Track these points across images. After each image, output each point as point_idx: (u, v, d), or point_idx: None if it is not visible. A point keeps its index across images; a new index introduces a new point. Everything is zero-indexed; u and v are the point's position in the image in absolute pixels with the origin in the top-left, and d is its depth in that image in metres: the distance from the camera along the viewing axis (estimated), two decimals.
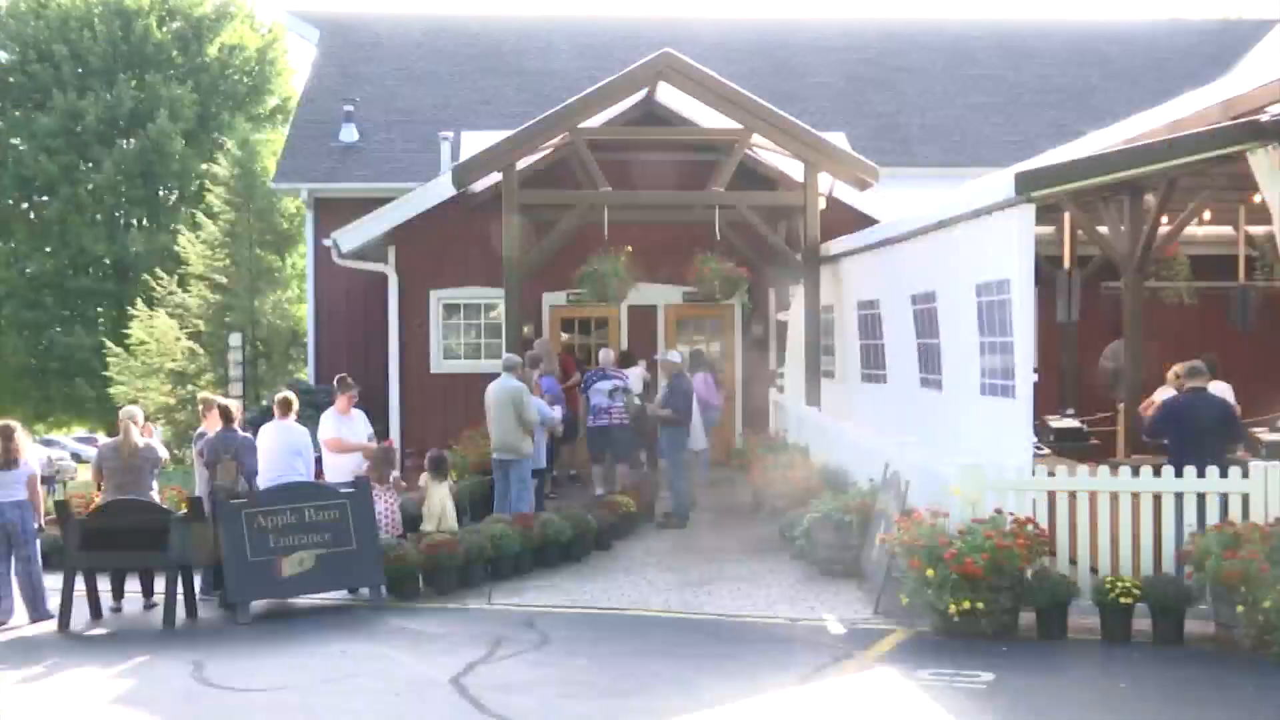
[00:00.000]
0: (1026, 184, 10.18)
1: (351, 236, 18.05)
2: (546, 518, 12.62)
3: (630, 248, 16.47)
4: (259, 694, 8.39)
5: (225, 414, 11.87)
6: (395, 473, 12.79)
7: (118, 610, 11.11)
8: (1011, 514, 9.50)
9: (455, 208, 18.07)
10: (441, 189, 17.68)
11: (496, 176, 16.16)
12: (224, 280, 28.09)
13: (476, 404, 14.19)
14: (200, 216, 30.08)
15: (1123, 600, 9.25)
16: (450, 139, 20.56)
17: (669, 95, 17.43)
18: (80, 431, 45.80)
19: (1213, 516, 9.49)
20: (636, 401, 16.13)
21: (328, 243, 18.70)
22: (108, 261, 41.47)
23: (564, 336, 19.59)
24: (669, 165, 17.99)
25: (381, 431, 16.19)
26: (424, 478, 12.58)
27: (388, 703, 8.09)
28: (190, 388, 27.25)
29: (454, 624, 10.25)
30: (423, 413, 18.50)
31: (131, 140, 40.15)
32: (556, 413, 14.72)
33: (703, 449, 16.72)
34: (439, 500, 12.37)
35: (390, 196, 19.04)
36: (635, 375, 17.27)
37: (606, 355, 16.32)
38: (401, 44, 25.79)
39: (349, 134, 22.44)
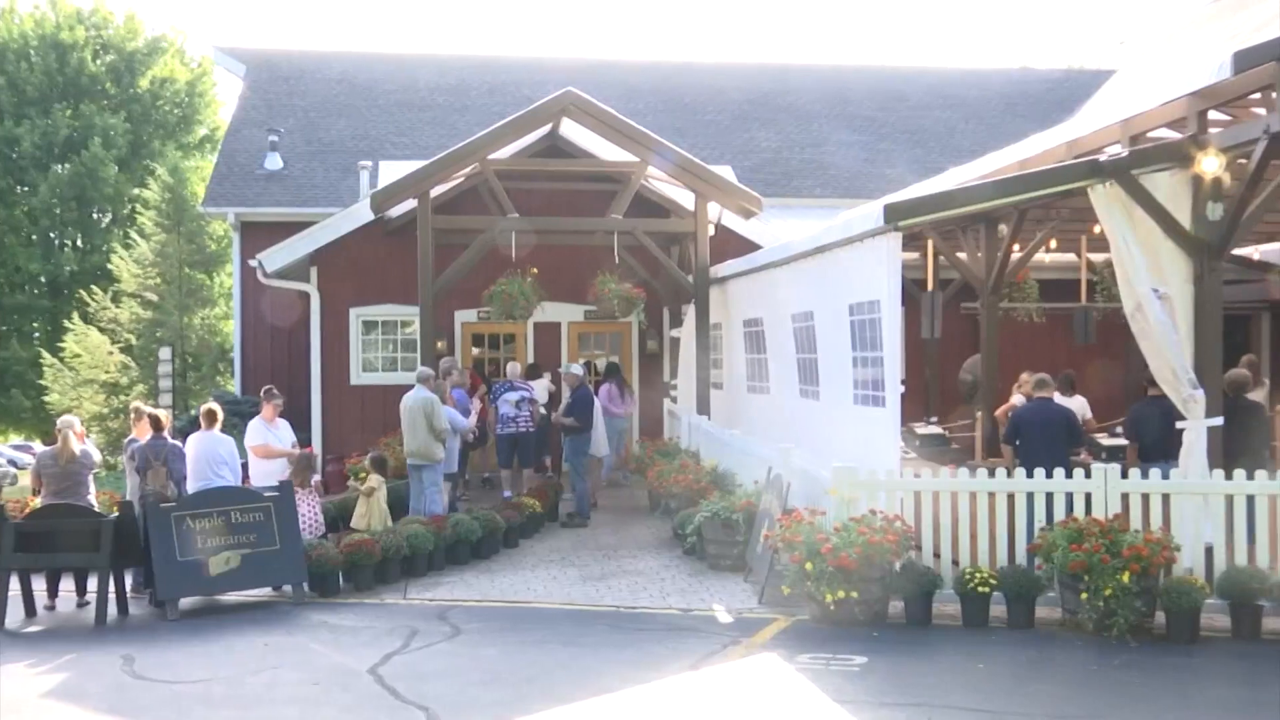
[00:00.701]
0: (894, 215, 10.30)
1: (276, 258, 17.81)
2: (458, 518, 12.55)
3: (536, 269, 16.49)
4: (186, 685, 8.24)
5: (155, 423, 11.65)
6: (316, 477, 12.68)
7: (51, 609, 10.81)
8: (882, 512, 9.63)
9: (373, 231, 17.95)
10: (360, 214, 17.53)
11: (412, 203, 16.08)
12: (154, 298, 27.55)
13: (393, 413, 14.11)
14: (132, 237, 29.52)
15: (981, 589, 9.42)
16: (369, 168, 20.37)
17: (572, 130, 17.46)
18: (16, 440, 44.61)
19: (1059, 513, 9.66)
20: (542, 411, 16.16)
21: (254, 263, 18.42)
22: (43, 279, 40.64)
23: (475, 351, 19.51)
24: (572, 194, 18.06)
25: (304, 439, 16.01)
26: (375, 478, 12.57)
27: (309, 691, 7.99)
28: (122, 398, 26.65)
29: (372, 618, 10.14)
30: (343, 421, 18.30)
31: (66, 165, 39.23)
32: (471, 420, 14.67)
33: (605, 455, 16.77)
34: (380, 499, 12.45)
35: (312, 220, 18.86)
36: (541, 386, 17.30)
37: (514, 368, 16.32)
38: (323, 79, 25.51)
39: (274, 162, 22.16)
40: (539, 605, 10.55)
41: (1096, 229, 11.69)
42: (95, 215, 41.58)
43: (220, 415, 12.30)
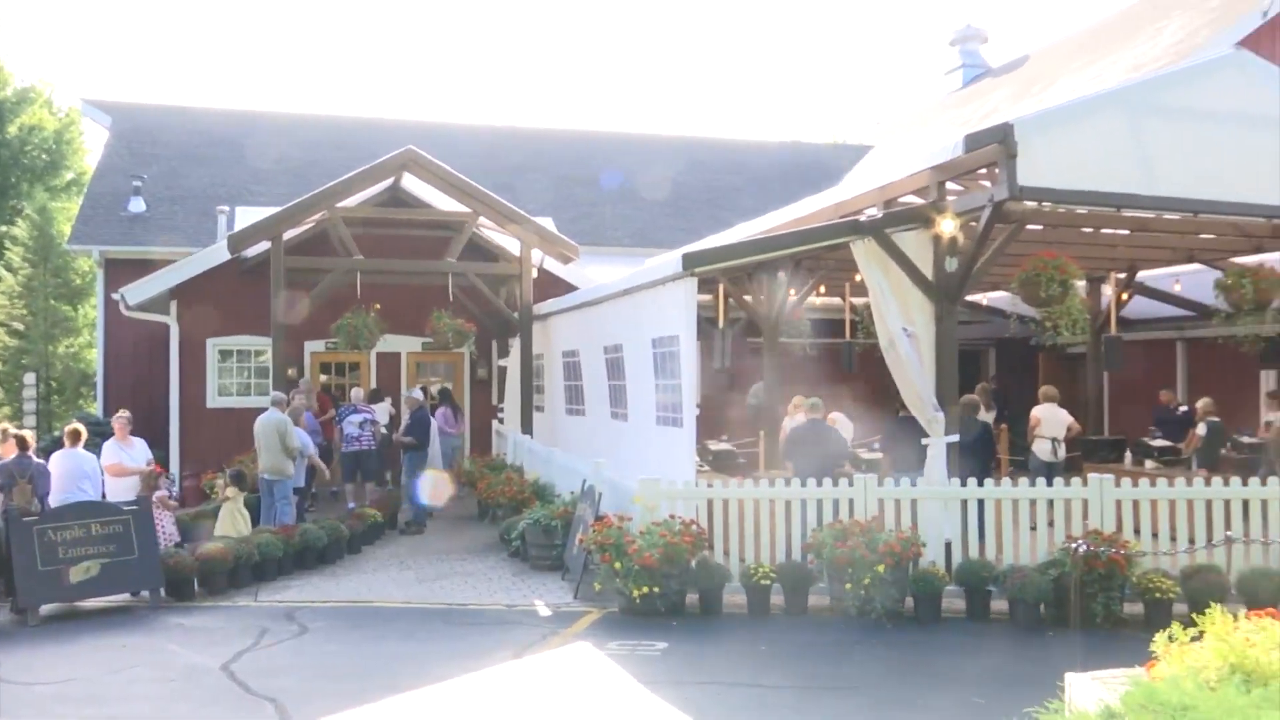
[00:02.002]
0: (690, 262, 10.43)
1: (137, 292, 17.00)
2: (306, 527, 12.14)
3: (378, 305, 16.22)
4: (46, 686, 7.70)
5: (21, 442, 11.00)
6: (161, 492, 12.15)
7: None
8: (680, 517, 9.71)
9: (230, 270, 17.31)
10: (218, 254, 16.87)
11: (266, 244, 15.58)
12: (21, 327, 25.91)
13: (247, 433, 13.64)
14: (0, 271, 27.71)
15: (763, 582, 9.58)
16: (226, 212, 19.64)
17: (412, 183, 17.22)
18: None
19: (828, 516, 9.88)
20: (383, 431, 15.84)
21: (117, 297, 17.51)
22: None
23: (323, 377, 18.99)
24: (412, 239, 17.80)
25: (161, 457, 15.36)
26: (231, 490, 12.11)
27: (164, 688, 7.58)
28: None
29: (224, 619, 9.69)
30: (200, 441, 17.51)
31: None
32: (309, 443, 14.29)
33: (442, 469, 16.57)
34: (238, 509, 12.01)
35: (173, 259, 18.04)
36: (382, 409, 16.96)
37: (358, 393, 15.99)
38: (185, 130, 24.46)
39: (137, 205, 21.11)
40: (380, 604, 10.26)
41: (858, 277, 12.00)
42: None
43: (84, 434, 11.69)
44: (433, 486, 13.23)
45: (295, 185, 20.79)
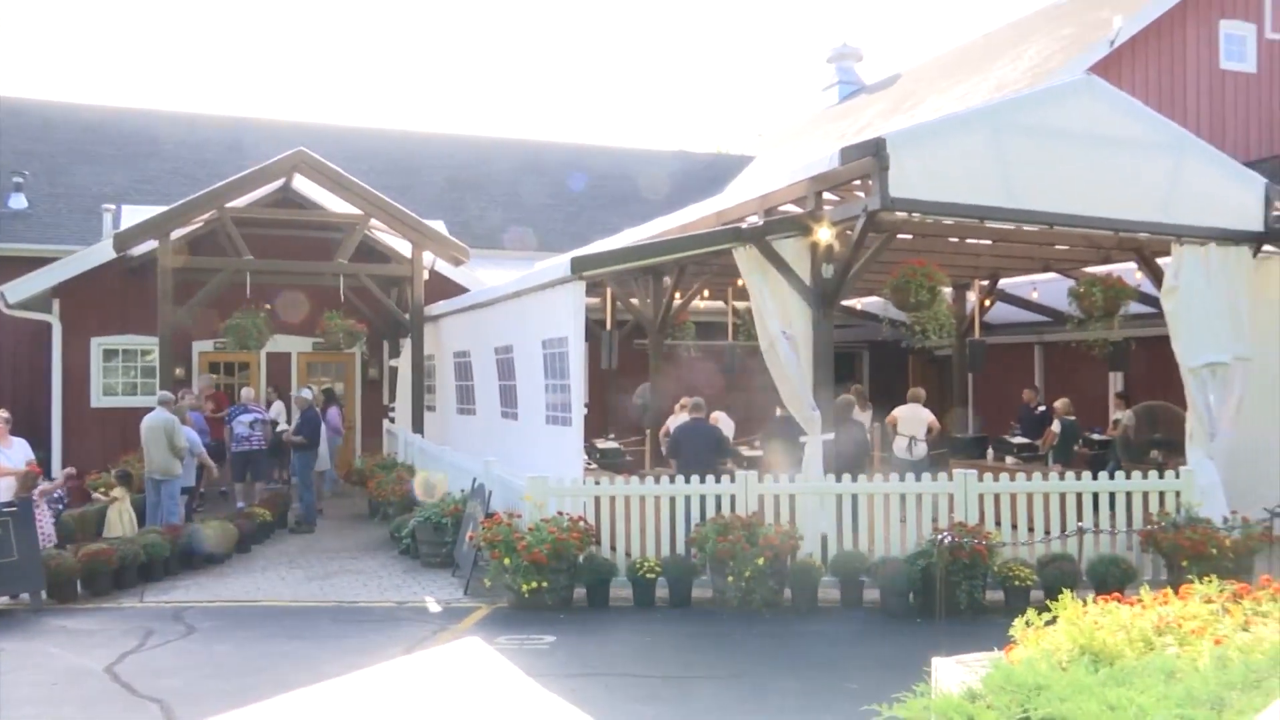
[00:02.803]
0: (579, 266, 10.42)
1: (18, 290, 16.24)
2: (193, 527, 11.76)
3: (269, 305, 15.85)
4: None
5: None
6: (36, 491, 11.63)
7: None
8: (568, 514, 9.69)
9: (116, 268, 16.68)
10: (103, 252, 16.24)
11: (153, 243, 15.06)
12: None
13: (133, 433, 13.19)
14: None
15: (648, 576, 9.63)
16: (113, 210, 18.85)
17: (304, 184, 16.83)
18: None
19: (710, 511, 9.96)
20: (274, 430, 15.46)
21: None
22: None
23: (212, 377, 18.42)
24: (304, 240, 17.41)
25: (44, 459, 14.70)
26: (118, 490, 11.69)
27: (47, 692, 7.23)
28: None
29: (109, 621, 9.31)
30: (84, 441, 16.81)
31: None
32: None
33: (328, 469, 16.23)
34: (124, 509, 11.59)
35: (56, 257, 17.26)
36: (276, 409, 16.59)
37: (248, 393, 15.52)
38: (70, 128, 23.38)
39: (18, 202, 20.12)
40: (269, 603, 10.00)
41: (740, 282, 12.14)
42: None
43: None
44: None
45: (185, 185, 20.14)
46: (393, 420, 18.48)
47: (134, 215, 17.18)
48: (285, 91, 74.04)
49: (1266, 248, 11.78)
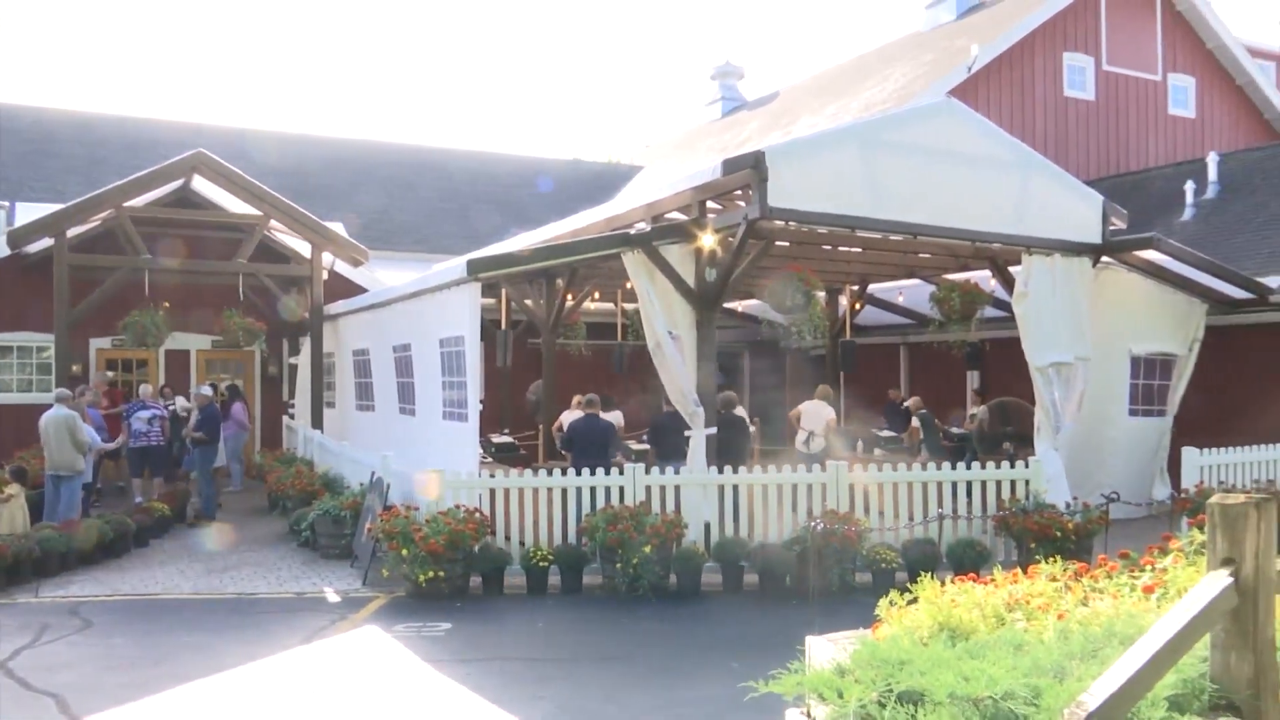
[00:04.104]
0: (474, 268, 10.33)
1: None
2: (91, 522, 11.25)
3: (168, 303, 15.28)
4: None
5: None
6: None
7: None
8: (464, 506, 9.61)
9: (11, 266, 15.91)
10: None
11: (50, 241, 14.38)
12: None
13: (27, 430, 12.60)
14: None
15: (541, 564, 9.60)
16: (6, 208, 17.96)
17: (203, 185, 16.26)
18: None
19: (600, 502, 9.98)
20: (172, 424, 14.91)
21: None
22: None
23: (108, 374, 17.67)
24: (204, 239, 16.86)
25: None
26: (13, 486, 11.03)
27: None
28: None
29: (2, 617, 8.82)
30: None
31: None
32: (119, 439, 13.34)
33: (224, 464, 15.74)
34: (19, 506, 10.93)
35: None
36: (181, 405, 16.03)
37: (146, 389, 14.93)
38: None
39: None
40: (167, 597, 9.63)
41: (628, 284, 12.17)
42: None
43: None
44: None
45: (81, 184, 19.26)
46: (293, 416, 18.03)
47: (29, 213, 16.35)
48: (187, 94, 71.55)
49: (1104, 258, 12.35)
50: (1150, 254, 12.30)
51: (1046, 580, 4.82)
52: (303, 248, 16.49)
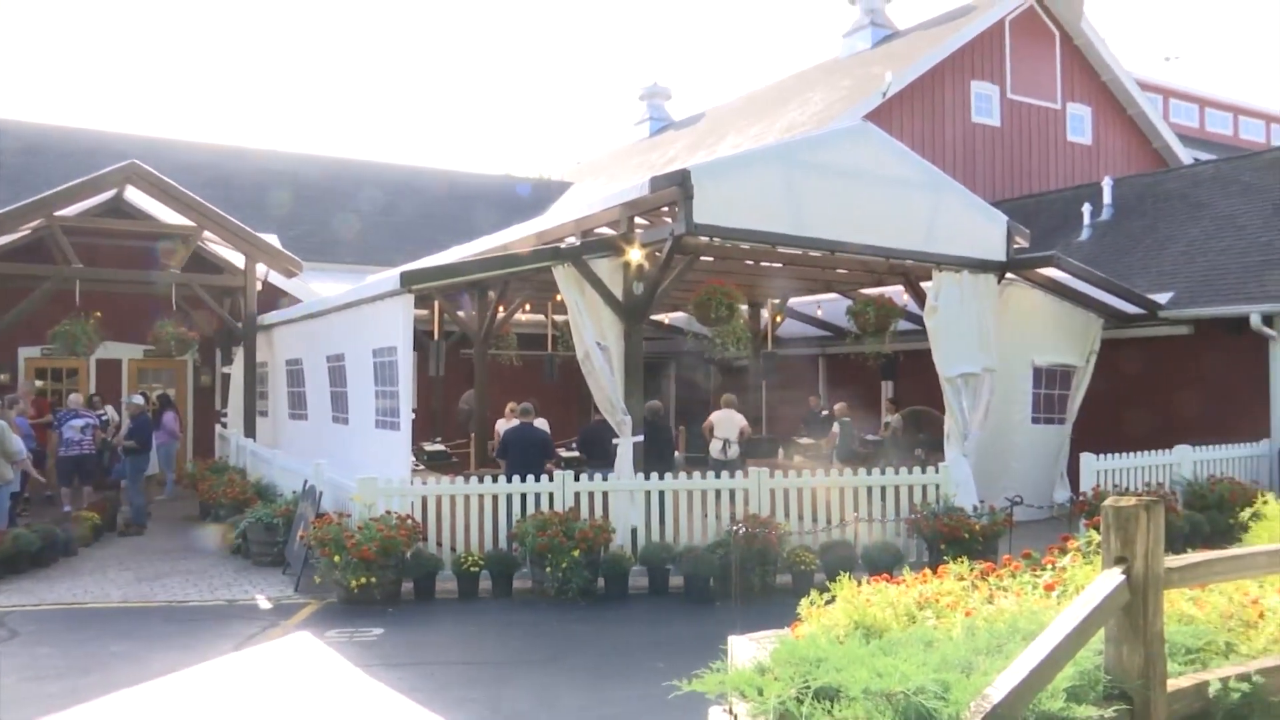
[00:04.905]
0: (408, 280, 10.23)
1: None
2: (18, 532, 10.81)
3: (99, 313, 14.81)
4: None
5: None
6: None
7: None
8: (396, 513, 9.48)
9: None
10: None
11: None
12: None
13: None
14: None
15: (472, 569, 9.50)
16: None
17: (136, 195, 15.79)
18: None
19: (531, 508, 9.94)
20: (103, 435, 14.44)
21: None
22: None
23: (39, 383, 17.07)
24: (138, 250, 16.34)
25: None
26: None
27: None
28: None
29: None
30: None
31: None
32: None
33: (157, 471, 15.30)
34: None
35: None
36: (109, 413, 15.55)
37: (76, 399, 14.44)
38: None
39: None
40: (96, 606, 9.31)
41: (559, 297, 12.14)
42: None
43: None
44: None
45: (12, 193, 18.58)
46: (225, 425, 17.60)
47: None
48: (122, 104, 69.63)
49: (1009, 275, 12.67)
50: (1051, 271, 12.65)
51: (955, 580, 4.91)
52: (237, 258, 16.13)
